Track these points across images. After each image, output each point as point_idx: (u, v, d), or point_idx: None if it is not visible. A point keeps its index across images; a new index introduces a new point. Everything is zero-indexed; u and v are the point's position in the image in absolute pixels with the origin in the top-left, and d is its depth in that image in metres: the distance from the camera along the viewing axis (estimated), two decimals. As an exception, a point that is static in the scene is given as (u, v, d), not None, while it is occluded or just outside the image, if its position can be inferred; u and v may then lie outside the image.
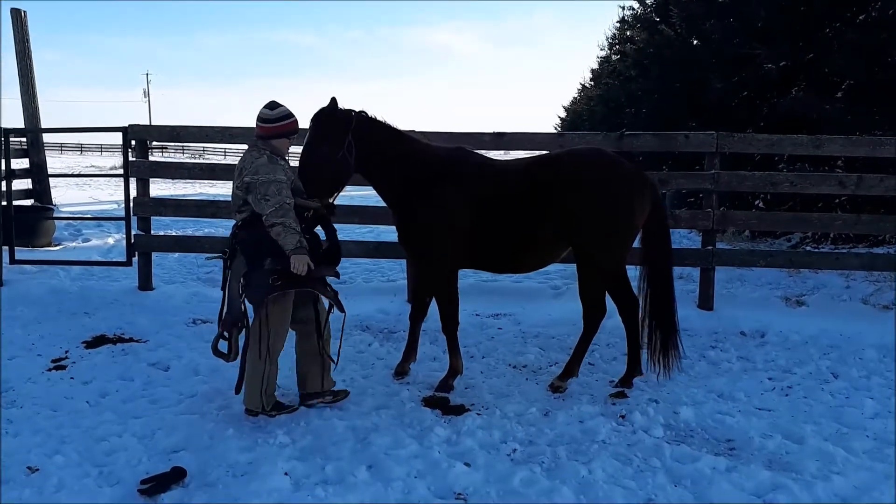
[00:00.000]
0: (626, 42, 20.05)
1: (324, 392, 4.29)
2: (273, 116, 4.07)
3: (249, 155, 4.02)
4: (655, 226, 4.67)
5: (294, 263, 3.85)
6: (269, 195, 3.85)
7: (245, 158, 4.02)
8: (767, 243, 10.12)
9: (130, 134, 6.75)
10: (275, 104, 4.14)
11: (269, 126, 4.06)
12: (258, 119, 4.09)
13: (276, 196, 3.86)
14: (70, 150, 58.97)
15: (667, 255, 4.76)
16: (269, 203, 3.85)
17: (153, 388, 4.61)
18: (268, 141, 4.06)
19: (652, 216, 4.63)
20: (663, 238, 4.73)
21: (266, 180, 3.87)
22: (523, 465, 3.62)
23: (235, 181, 4.03)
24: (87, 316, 6.16)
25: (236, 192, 4.02)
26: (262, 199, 3.86)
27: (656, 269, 4.71)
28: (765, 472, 3.52)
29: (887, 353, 5.40)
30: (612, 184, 4.50)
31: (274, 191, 3.87)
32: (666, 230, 4.75)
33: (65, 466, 3.51)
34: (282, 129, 4.08)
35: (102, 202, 16.16)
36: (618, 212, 4.49)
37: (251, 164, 3.94)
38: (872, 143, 6.26)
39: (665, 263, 4.74)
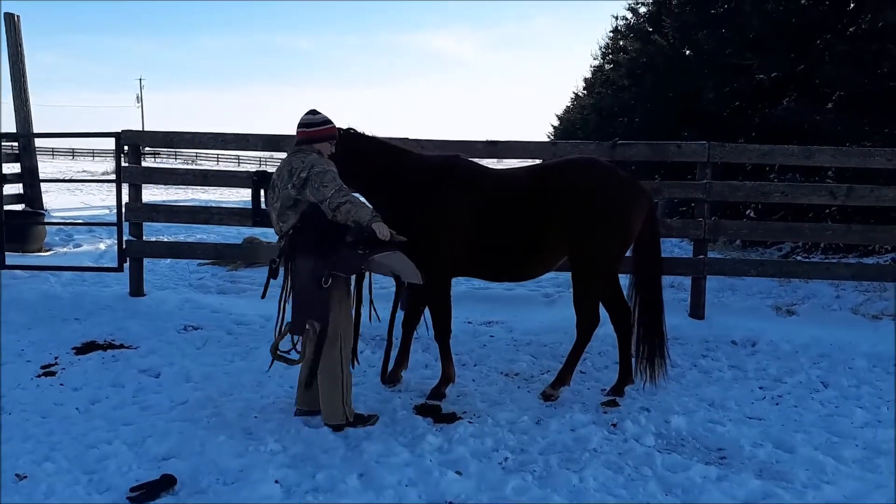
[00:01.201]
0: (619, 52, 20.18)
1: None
2: (317, 121, 4.14)
3: (296, 157, 4.04)
4: (648, 235, 4.70)
5: (378, 230, 3.89)
6: (326, 182, 3.89)
7: (292, 161, 4.03)
8: (758, 252, 10.18)
9: (123, 139, 6.73)
10: (315, 111, 4.20)
11: (313, 130, 4.12)
12: (302, 125, 4.13)
13: (333, 182, 3.90)
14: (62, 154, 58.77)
15: (657, 264, 4.79)
16: (329, 188, 3.88)
17: (144, 395, 4.59)
18: (311, 145, 4.11)
19: (645, 226, 4.66)
20: (654, 247, 4.76)
21: (321, 170, 3.92)
22: (515, 473, 3.62)
23: (286, 184, 3.99)
24: (78, 322, 6.12)
25: (287, 192, 3.98)
26: (321, 186, 3.88)
27: (646, 277, 4.74)
28: (755, 481, 3.53)
29: (877, 363, 5.43)
30: (609, 193, 4.52)
31: (330, 178, 3.91)
32: (657, 240, 4.78)
33: (54, 473, 3.48)
34: (325, 133, 4.15)
35: (94, 207, 16.09)
36: (614, 221, 4.51)
37: (302, 163, 3.97)
38: (863, 153, 6.31)
39: (655, 272, 4.77)
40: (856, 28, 9.12)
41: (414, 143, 6.38)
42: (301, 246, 4.01)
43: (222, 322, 6.26)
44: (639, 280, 4.76)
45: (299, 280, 4.02)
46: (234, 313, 6.49)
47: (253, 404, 4.45)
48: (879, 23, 8.34)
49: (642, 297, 4.74)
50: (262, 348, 5.57)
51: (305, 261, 3.99)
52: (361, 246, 3.93)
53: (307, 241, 3.99)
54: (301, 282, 4.01)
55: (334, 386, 4.05)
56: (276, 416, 4.26)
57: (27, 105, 11.07)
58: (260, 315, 6.36)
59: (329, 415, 4.08)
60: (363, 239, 3.92)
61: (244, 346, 5.68)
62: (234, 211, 6.88)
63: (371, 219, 3.90)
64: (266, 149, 6.77)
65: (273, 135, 6.63)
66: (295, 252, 4.03)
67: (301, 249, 4.01)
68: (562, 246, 4.60)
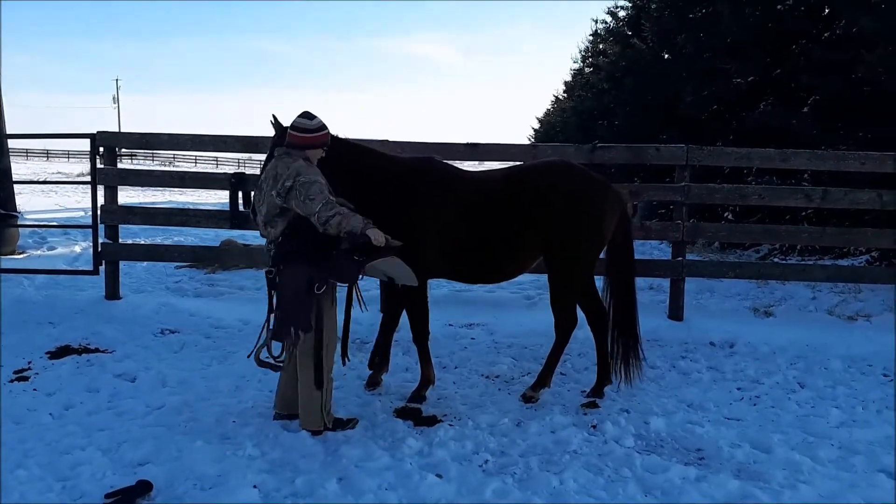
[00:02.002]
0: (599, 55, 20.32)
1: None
2: (312, 127, 4.03)
3: (282, 161, 3.94)
4: (621, 237, 4.73)
5: (373, 236, 3.83)
6: (312, 195, 3.80)
7: (278, 165, 3.93)
8: (736, 255, 10.29)
9: (99, 140, 6.63)
10: (311, 115, 4.09)
11: (307, 136, 4.01)
12: (295, 128, 4.02)
13: (319, 195, 3.81)
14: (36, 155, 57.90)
15: (630, 266, 4.83)
16: (316, 201, 3.80)
17: (119, 400, 4.51)
18: (302, 150, 4.01)
19: (618, 227, 4.69)
20: (627, 249, 4.79)
21: (308, 181, 3.82)
22: (495, 476, 3.61)
23: (270, 189, 3.89)
24: (52, 326, 6.02)
25: (272, 199, 3.89)
26: (307, 199, 3.79)
27: (619, 278, 4.78)
28: (734, 482, 3.56)
29: (852, 364, 5.50)
30: (582, 196, 4.55)
31: (317, 190, 3.82)
32: (630, 241, 4.82)
33: (27, 481, 3.42)
34: (318, 140, 4.05)
35: (69, 209, 15.85)
36: (588, 223, 4.53)
37: (287, 169, 3.87)
38: (837, 157, 6.40)
39: (628, 273, 4.80)
40: (830, 34, 9.26)
41: (394, 145, 6.36)
42: (291, 253, 3.92)
43: (199, 326, 6.18)
44: (612, 281, 4.80)
45: (287, 287, 3.93)
46: (211, 317, 6.41)
47: (230, 409, 4.39)
48: (853, 28, 8.48)
49: (616, 298, 4.77)
50: (240, 352, 5.51)
51: (296, 268, 3.90)
52: (357, 253, 3.88)
53: (298, 248, 3.91)
54: (288, 289, 3.92)
55: (315, 394, 4.00)
56: (254, 421, 4.21)
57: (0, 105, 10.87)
58: (238, 319, 6.30)
59: (307, 420, 4.03)
60: (359, 246, 3.87)
61: (222, 350, 5.62)
62: (211, 213, 6.81)
63: (364, 226, 3.84)
64: (244, 150, 6.71)
65: (250, 136, 6.57)
66: (285, 259, 3.94)
67: (292, 256, 3.92)
68: (535, 248, 4.62)
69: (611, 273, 4.81)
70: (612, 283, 4.78)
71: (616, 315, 4.76)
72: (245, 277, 8.33)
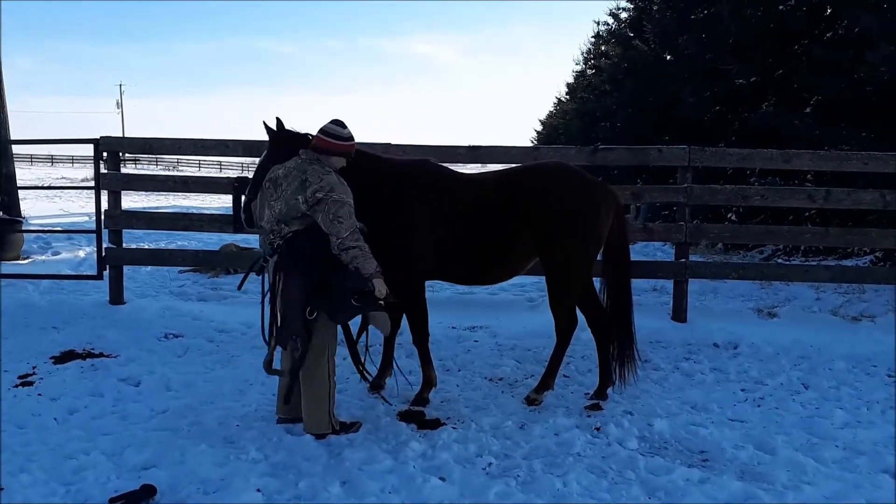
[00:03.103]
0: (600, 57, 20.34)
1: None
2: (344, 135, 4.03)
3: (312, 167, 3.90)
4: (617, 238, 4.73)
5: (377, 287, 3.85)
6: (342, 217, 3.79)
7: (307, 170, 3.89)
8: (740, 256, 10.28)
9: (102, 146, 6.66)
10: (342, 123, 4.09)
11: (338, 143, 4.00)
12: (326, 133, 4.00)
13: (348, 219, 3.82)
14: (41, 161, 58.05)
15: (626, 267, 4.83)
16: (344, 226, 3.79)
17: (123, 404, 4.52)
18: (329, 157, 4.00)
19: (614, 228, 4.69)
20: (623, 250, 4.79)
21: (340, 200, 3.81)
22: (499, 478, 3.61)
23: (295, 192, 3.85)
24: (56, 331, 6.03)
25: (296, 204, 3.85)
26: (336, 220, 3.79)
27: (615, 279, 4.79)
28: (737, 483, 3.55)
29: (856, 364, 5.48)
30: (577, 196, 4.55)
31: (346, 213, 3.82)
32: (626, 243, 4.82)
33: (31, 485, 3.42)
34: (346, 149, 4.06)
35: (73, 214, 15.92)
36: (583, 224, 4.53)
37: (320, 179, 3.83)
38: (839, 157, 6.39)
39: (624, 275, 4.80)
40: (832, 34, 9.26)
41: (396, 148, 6.38)
42: (296, 262, 3.90)
43: (203, 330, 6.19)
44: (608, 282, 4.80)
45: (287, 293, 3.91)
46: (215, 321, 6.43)
47: (234, 412, 4.40)
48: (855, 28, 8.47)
49: (612, 298, 4.78)
50: (244, 356, 5.54)
51: (297, 280, 3.88)
52: (357, 297, 3.88)
53: (303, 262, 3.89)
54: (288, 296, 3.91)
55: (320, 396, 4.01)
56: (257, 425, 4.22)
57: (4, 111, 10.93)
58: (241, 322, 6.31)
59: (314, 424, 4.03)
60: (363, 292, 3.88)
61: (225, 353, 5.63)
62: (214, 217, 6.83)
63: (374, 273, 3.86)
64: (246, 154, 6.71)
65: (253, 140, 6.58)
66: (291, 262, 3.90)
67: (295, 266, 3.89)
68: (530, 250, 4.63)
69: (607, 273, 4.82)
70: (608, 283, 4.79)
71: (612, 315, 4.77)
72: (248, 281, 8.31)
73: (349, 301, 3.88)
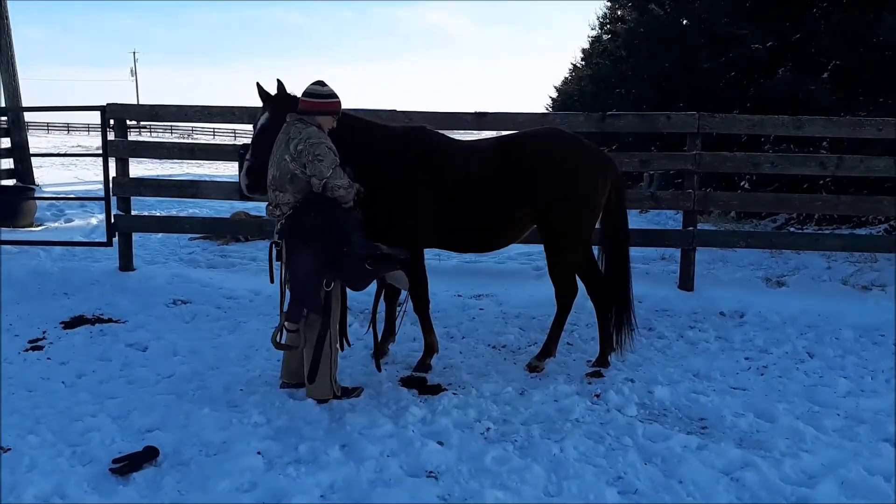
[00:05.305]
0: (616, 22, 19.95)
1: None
2: (324, 93, 4.10)
3: (295, 126, 3.98)
4: (614, 204, 4.69)
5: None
6: (320, 155, 3.87)
7: (290, 130, 3.98)
8: (752, 224, 10.16)
9: (109, 113, 6.66)
10: (323, 83, 4.16)
11: (319, 101, 4.07)
12: (307, 94, 4.08)
13: (327, 155, 3.89)
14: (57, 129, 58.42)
15: (624, 235, 4.79)
16: (325, 164, 3.88)
17: (131, 369, 4.60)
18: (313, 116, 4.06)
19: (611, 195, 4.65)
20: (621, 219, 4.75)
21: (318, 142, 3.90)
22: (496, 443, 3.64)
23: (283, 153, 3.94)
24: (67, 297, 6.12)
25: (286, 165, 3.93)
26: (315, 159, 3.86)
27: (613, 249, 4.76)
28: (735, 450, 3.55)
29: (864, 333, 5.44)
30: (573, 162, 4.51)
31: (324, 151, 3.89)
32: (624, 212, 4.77)
33: (38, 446, 3.50)
34: (329, 107, 4.11)
35: (87, 182, 15.99)
36: (579, 192, 4.49)
37: (300, 133, 3.93)
38: (853, 123, 6.26)
39: (622, 244, 4.77)
40: (851, -4, 9.02)
41: (402, 115, 6.33)
42: (304, 235, 3.92)
43: (211, 296, 6.25)
44: (606, 251, 4.78)
45: (298, 268, 3.96)
46: (223, 287, 6.48)
47: (239, 378, 4.46)
48: (875, -10, 8.24)
49: (610, 267, 4.76)
50: (251, 322, 5.59)
51: (308, 253, 3.91)
52: (370, 261, 3.92)
53: (312, 233, 3.91)
54: (300, 270, 3.95)
55: (323, 363, 4.04)
56: (261, 389, 4.28)
57: (15, 79, 10.97)
58: (249, 290, 6.37)
59: (316, 390, 4.08)
60: (374, 256, 3.93)
61: (232, 320, 5.68)
62: (221, 185, 6.85)
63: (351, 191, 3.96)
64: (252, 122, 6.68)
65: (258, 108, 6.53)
66: (297, 237, 3.94)
67: (304, 239, 3.92)
68: (525, 217, 4.61)
69: (605, 242, 4.79)
70: (607, 252, 4.76)
71: (610, 284, 4.75)
72: (257, 249, 8.39)
73: (363, 266, 3.93)
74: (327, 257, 3.91)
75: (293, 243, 3.95)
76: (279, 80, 4.36)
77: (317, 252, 3.90)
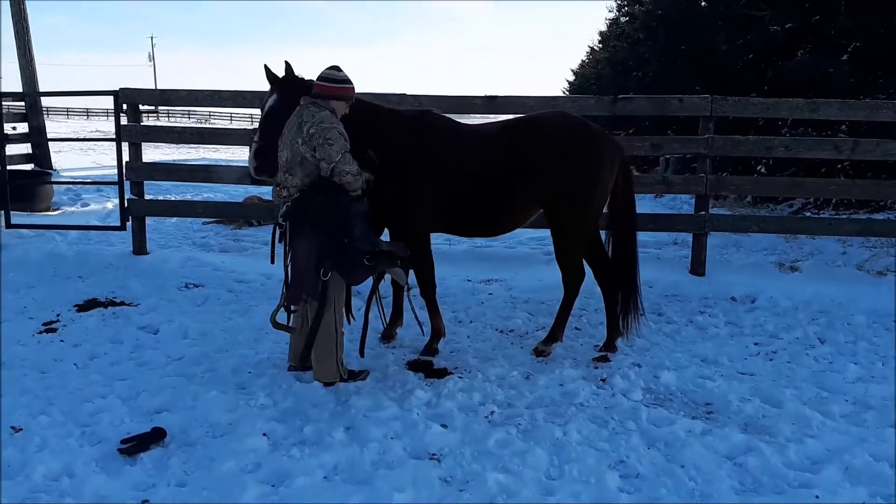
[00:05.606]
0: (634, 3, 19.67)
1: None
2: (338, 78, 4.11)
3: (308, 110, 3.99)
4: (621, 188, 4.65)
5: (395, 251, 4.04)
6: (331, 139, 3.88)
7: (303, 113, 3.99)
8: (768, 209, 10.04)
9: (121, 98, 6.71)
10: (338, 68, 4.17)
11: (334, 86, 4.08)
12: (322, 78, 4.10)
13: (339, 141, 3.90)
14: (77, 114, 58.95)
15: (631, 220, 4.75)
16: (335, 148, 3.88)
17: (141, 351, 4.67)
18: (327, 101, 4.07)
19: (619, 181, 4.61)
20: (628, 203, 4.71)
21: (329, 126, 3.91)
22: (500, 427, 3.65)
23: (295, 136, 3.96)
24: (81, 280, 6.21)
25: (296, 147, 3.94)
26: (326, 142, 3.87)
27: (620, 233, 4.72)
28: (739, 435, 3.54)
29: (876, 319, 5.38)
30: (579, 146, 4.47)
31: (335, 136, 3.90)
32: (631, 196, 4.73)
33: (49, 426, 3.57)
34: (343, 92, 4.12)
35: (105, 167, 16.16)
36: (585, 175, 4.46)
37: (313, 116, 3.94)
38: (869, 106, 6.15)
39: (628, 227, 4.73)
40: (872, -25, 8.80)
41: (412, 98, 6.32)
42: (308, 219, 3.94)
43: (223, 280, 6.31)
44: (614, 235, 4.75)
45: (300, 253, 3.98)
46: (235, 271, 6.54)
47: (248, 360, 4.51)
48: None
49: (617, 252, 4.73)
50: (261, 306, 5.63)
51: (310, 240, 3.93)
52: (369, 256, 3.93)
53: (316, 218, 3.92)
54: (301, 256, 3.97)
55: (329, 346, 4.07)
56: (269, 372, 4.32)
57: (32, 64, 11.08)
58: (260, 273, 6.41)
59: (323, 373, 4.11)
60: (375, 252, 3.93)
61: (243, 303, 5.74)
62: (233, 169, 6.88)
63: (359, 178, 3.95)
64: (263, 106, 6.70)
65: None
66: (301, 221, 3.96)
67: (307, 223, 3.94)
68: (531, 201, 4.59)
69: (613, 226, 4.76)
70: (614, 236, 4.73)
71: (617, 269, 4.72)
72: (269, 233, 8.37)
73: (362, 261, 3.93)
74: (327, 246, 3.92)
75: (297, 227, 3.97)
76: (287, 63, 4.37)
77: (318, 239, 3.92)
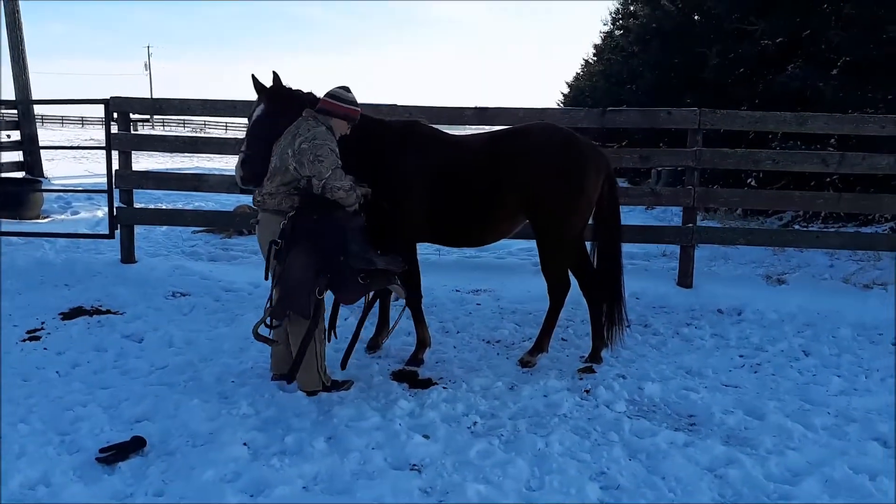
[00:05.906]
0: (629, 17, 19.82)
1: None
2: (346, 98, 4.15)
3: (306, 123, 4.02)
4: (607, 200, 4.66)
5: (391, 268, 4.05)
6: (322, 156, 3.88)
7: (300, 125, 4.01)
8: (758, 222, 10.08)
9: (112, 106, 6.72)
10: (348, 89, 4.21)
11: (339, 104, 4.12)
12: (330, 95, 4.13)
13: (329, 158, 3.90)
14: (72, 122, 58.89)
15: (616, 230, 4.75)
16: (325, 164, 3.88)
17: (125, 360, 4.64)
18: (328, 117, 4.10)
19: (604, 189, 4.63)
20: (613, 214, 4.72)
21: (322, 143, 3.92)
22: (482, 437, 3.65)
23: (287, 146, 3.97)
24: (68, 288, 6.18)
25: (285, 157, 3.96)
26: (316, 159, 3.88)
27: (605, 243, 4.73)
28: (721, 447, 3.54)
29: (861, 332, 5.39)
30: (565, 157, 4.49)
31: (326, 153, 3.90)
32: (616, 207, 4.74)
33: (28, 435, 3.55)
34: (348, 112, 4.15)
35: (97, 175, 16.10)
36: (570, 185, 4.47)
37: (308, 131, 3.96)
38: (856, 120, 6.20)
39: (613, 239, 4.74)
40: (862, -10, 8.88)
41: (402, 109, 6.34)
42: (303, 237, 3.91)
43: (210, 289, 6.30)
44: (599, 246, 4.76)
45: (292, 270, 3.93)
46: (222, 280, 6.53)
47: (231, 369, 4.50)
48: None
49: (602, 263, 4.74)
50: (248, 315, 5.61)
51: (304, 256, 3.89)
52: (363, 275, 3.93)
53: (310, 236, 3.89)
54: (293, 272, 3.92)
55: (310, 355, 4.05)
56: (252, 381, 4.31)
57: (26, 72, 11.09)
58: (248, 282, 6.41)
59: (306, 382, 4.10)
60: (369, 271, 3.93)
61: (230, 312, 5.72)
62: (223, 178, 6.88)
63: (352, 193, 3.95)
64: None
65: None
66: (295, 240, 3.92)
67: (302, 241, 3.91)
68: (517, 211, 4.60)
69: (598, 238, 4.77)
70: (599, 248, 4.74)
71: (602, 280, 4.72)
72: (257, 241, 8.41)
73: (356, 280, 3.93)
74: (322, 265, 3.89)
75: (291, 244, 3.94)
76: (274, 72, 4.39)
77: (312, 257, 3.89)
